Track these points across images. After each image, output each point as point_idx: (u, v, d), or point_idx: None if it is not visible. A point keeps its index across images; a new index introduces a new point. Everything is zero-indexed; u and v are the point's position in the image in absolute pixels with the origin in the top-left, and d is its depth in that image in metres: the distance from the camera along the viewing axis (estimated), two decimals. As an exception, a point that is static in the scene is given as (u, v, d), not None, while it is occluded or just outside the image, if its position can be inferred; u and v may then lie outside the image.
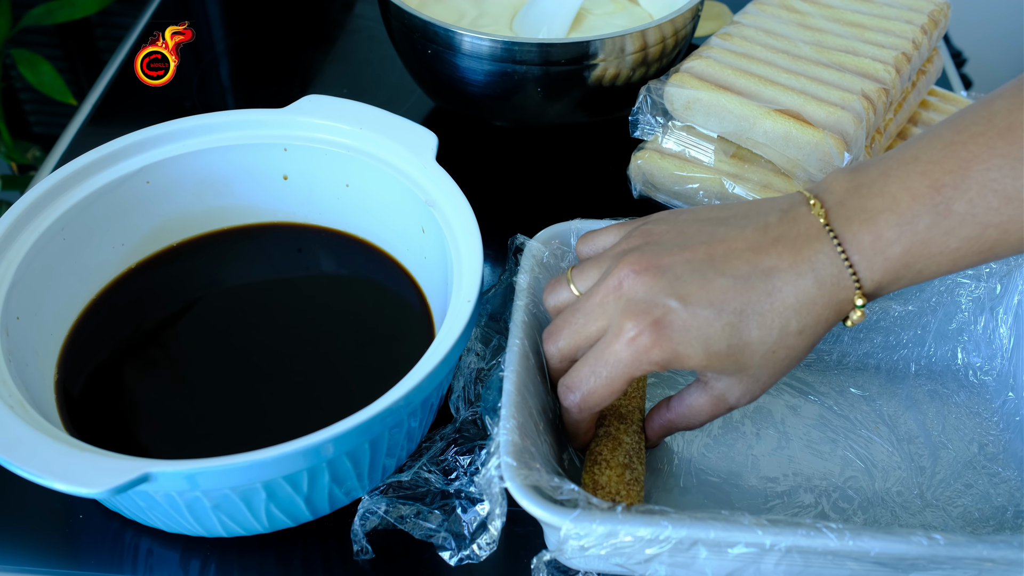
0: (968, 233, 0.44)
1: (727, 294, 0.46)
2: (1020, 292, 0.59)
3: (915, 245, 0.45)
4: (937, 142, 0.46)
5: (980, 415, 0.59)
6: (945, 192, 0.44)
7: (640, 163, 0.68)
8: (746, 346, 0.46)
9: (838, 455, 0.57)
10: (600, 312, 0.48)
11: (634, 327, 0.46)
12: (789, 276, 0.46)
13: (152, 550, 0.53)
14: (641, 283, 0.47)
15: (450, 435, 0.55)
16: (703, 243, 0.48)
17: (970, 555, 0.44)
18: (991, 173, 0.44)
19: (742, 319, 0.46)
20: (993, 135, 0.44)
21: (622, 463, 0.53)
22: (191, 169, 0.63)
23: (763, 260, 0.46)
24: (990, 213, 0.44)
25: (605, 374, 0.48)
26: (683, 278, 0.46)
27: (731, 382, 0.48)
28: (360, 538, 0.51)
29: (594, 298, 0.48)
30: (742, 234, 0.47)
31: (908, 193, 0.45)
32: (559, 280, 0.53)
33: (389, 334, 0.60)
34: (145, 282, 0.62)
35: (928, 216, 0.45)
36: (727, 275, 0.46)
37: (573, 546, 0.45)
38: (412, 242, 0.62)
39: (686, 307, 0.46)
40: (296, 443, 0.44)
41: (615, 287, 0.47)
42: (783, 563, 0.45)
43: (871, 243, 0.45)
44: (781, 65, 0.67)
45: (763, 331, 0.46)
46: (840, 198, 0.47)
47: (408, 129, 0.62)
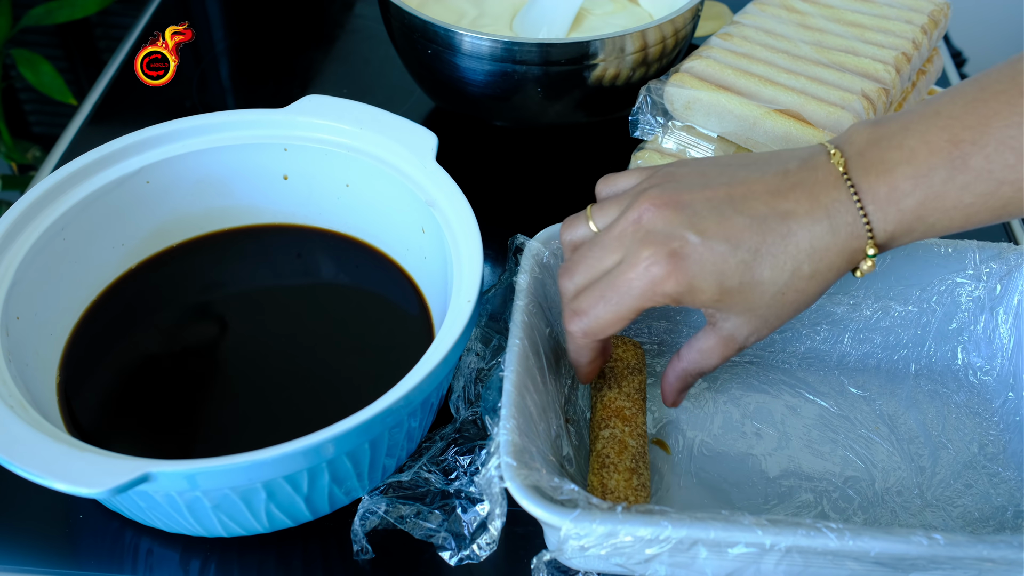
0: (983, 188, 0.45)
1: (744, 232, 0.46)
2: (1020, 292, 0.59)
3: (929, 198, 0.46)
4: (960, 98, 0.46)
5: (980, 415, 0.59)
6: (963, 147, 0.45)
7: (640, 163, 0.68)
8: (757, 284, 0.47)
9: (838, 455, 0.56)
10: (618, 244, 0.48)
11: (650, 256, 0.46)
12: (805, 221, 0.46)
13: (152, 550, 0.53)
14: (660, 216, 0.47)
15: (450, 435, 0.55)
16: (724, 184, 0.48)
17: (970, 555, 0.44)
18: (1010, 130, 0.44)
19: (756, 258, 0.46)
20: (1015, 93, 0.44)
21: (629, 467, 0.53)
22: (191, 169, 0.63)
23: (781, 203, 0.47)
24: (1006, 170, 0.44)
25: (615, 301, 0.48)
26: (702, 214, 0.47)
27: (740, 321, 0.49)
28: (360, 538, 0.51)
29: (613, 231, 0.49)
30: (762, 178, 0.48)
31: (926, 147, 0.45)
32: (577, 217, 0.53)
33: (388, 334, 0.60)
34: (145, 282, 0.62)
35: (944, 170, 0.45)
36: (745, 214, 0.47)
37: (573, 546, 0.45)
38: (412, 242, 0.62)
39: (703, 241, 0.46)
40: (296, 443, 0.44)
41: (635, 220, 0.48)
42: (783, 563, 0.45)
43: (886, 194, 0.46)
44: (781, 65, 0.67)
45: (775, 272, 0.47)
46: (860, 149, 0.47)
47: (408, 129, 0.62)
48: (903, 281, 0.60)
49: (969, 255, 0.59)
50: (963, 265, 0.59)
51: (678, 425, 0.58)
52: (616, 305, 0.48)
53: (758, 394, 0.60)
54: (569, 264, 0.51)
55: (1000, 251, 0.59)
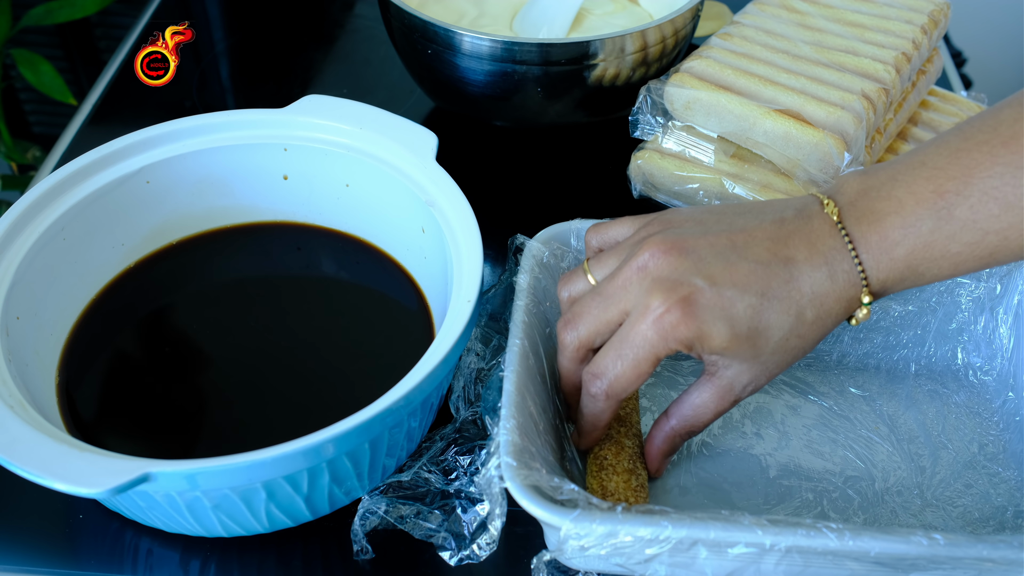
0: (969, 238, 0.45)
1: (750, 277, 0.46)
2: (1020, 292, 0.59)
3: (918, 248, 0.46)
4: (944, 148, 0.47)
5: (980, 415, 0.59)
6: (948, 198, 0.45)
7: (640, 163, 0.68)
8: (766, 329, 0.47)
9: (838, 455, 0.56)
10: (623, 295, 0.48)
11: (661, 304, 0.46)
12: (805, 267, 0.47)
13: (152, 550, 0.53)
14: (667, 262, 0.47)
15: (450, 435, 0.55)
16: (724, 231, 0.48)
17: (970, 555, 0.44)
18: (993, 180, 0.44)
19: (763, 301, 0.46)
20: (997, 143, 0.45)
21: (627, 468, 0.53)
22: (191, 169, 0.63)
23: (782, 250, 0.47)
24: (990, 220, 0.45)
25: (631, 356, 0.47)
26: (707, 260, 0.47)
27: (741, 369, 0.48)
28: (360, 538, 0.51)
29: (616, 280, 0.48)
30: (760, 225, 0.48)
31: (913, 198, 0.46)
32: (575, 271, 0.53)
33: (389, 334, 0.60)
34: (145, 282, 0.62)
35: (931, 220, 0.45)
36: (749, 259, 0.47)
37: (573, 546, 0.45)
38: (412, 242, 0.62)
39: (712, 287, 0.46)
40: (296, 443, 0.44)
41: (640, 267, 0.47)
42: (783, 563, 0.45)
43: (878, 243, 0.46)
44: (781, 65, 0.67)
45: (781, 316, 0.47)
46: (851, 199, 0.48)
47: (408, 129, 0.62)
48: (903, 281, 0.59)
49: (969, 255, 0.59)
50: (963, 265, 0.59)
51: (678, 425, 0.58)
52: (634, 360, 0.47)
53: (758, 394, 0.60)
54: (570, 316, 0.50)
55: (1000, 251, 0.59)
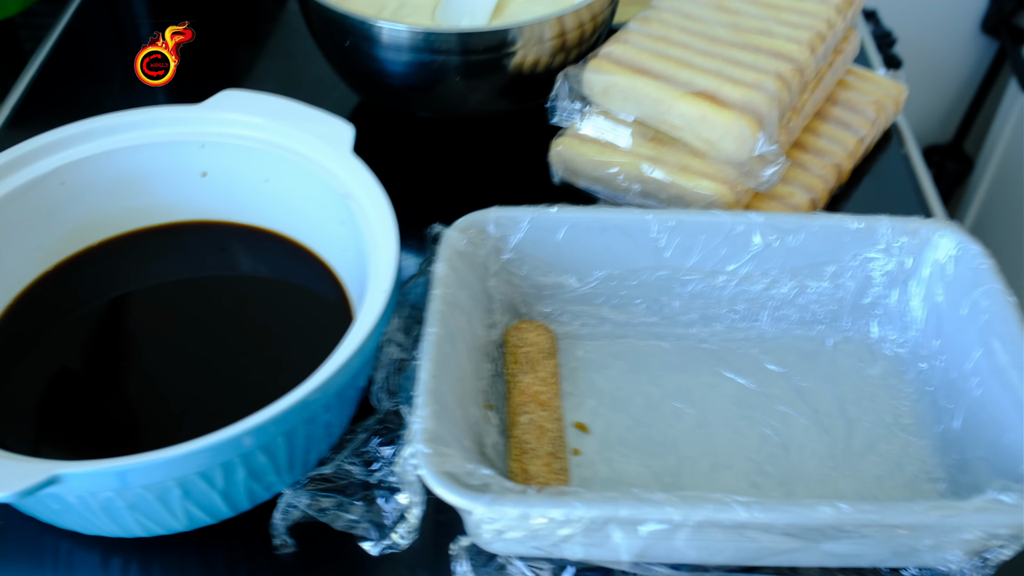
0: None
1: None
2: (931, 265, 0.60)
3: None
4: None
5: (895, 387, 0.60)
6: None
7: (560, 149, 0.68)
8: None
9: (756, 431, 0.57)
10: None
11: None
12: None
13: (73, 551, 0.52)
14: None
15: (373, 426, 0.55)
16: None
17: (875, 522, 0.45)
18: None
19: None
20: None
21: (549, 451, 0.54)
22: (107, 169, 0.62)
23: None
24: None
25: None
26: None
27: None
28: (281, 532, 0.51)
29: None
30: None
31: None
32: None
33: (309, 329, 0.60)
34: (62, 285, 0.61)
35: None
36: None
37: (488, 530, 0.46)
38: (332, 235, 0.62)
39: None
40: (206, 439, 0.44)
41: None
42: (696, 538, 0.46)
43: None
44: (697, 48, 0.68)
45: None
46: None
47: (325, 121, 0.62)
48: (817, 258, 0.60)
49: (880, 230, 0.60)
50: (875, 240, 0.60)
51: (598, 407, 0.58)
52: None
53: (678, 374, 0.60)
54: None
55: (911, 225, 0.60)
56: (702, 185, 0.64)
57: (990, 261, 0.57)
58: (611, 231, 0.60)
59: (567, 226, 0.60)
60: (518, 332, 0.60)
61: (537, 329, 0.60)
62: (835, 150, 0.73)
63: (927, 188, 0.78)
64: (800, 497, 0.54)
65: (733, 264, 0.60)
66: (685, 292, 0.62)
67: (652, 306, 0.62)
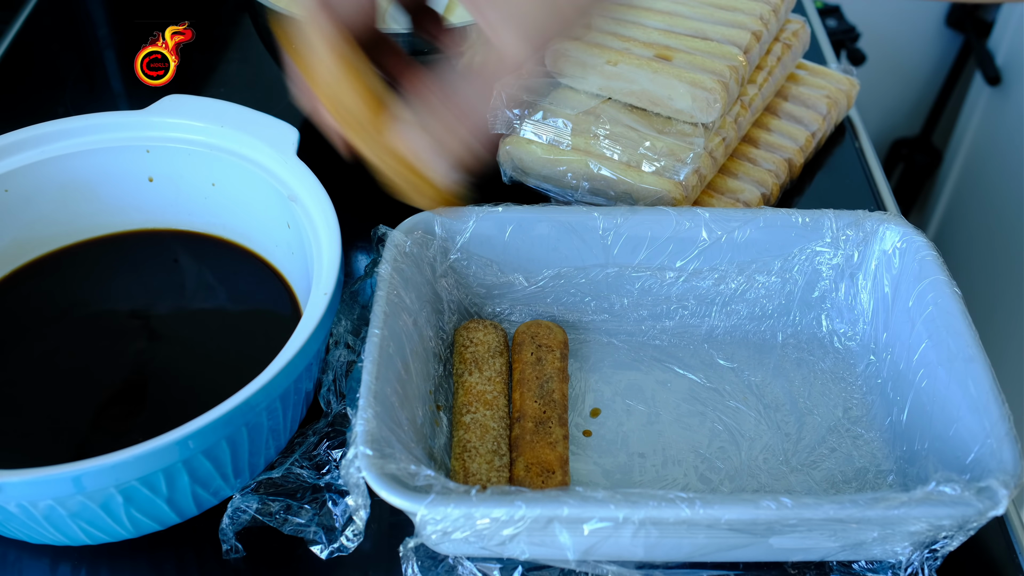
0: None
1: None
2: (877, 258, 0.60)
3: None
4: None
5: (845, 380, 0.60)
6: None
7: (509, 148, 0.68)
8: None
9: (706, 427, 0.57)
10: None
11: None
12: None
13: (20, 559, 0.52)
14: None
15: (322, 430, 0.55)
16: None
17: (818, 516, 0.45)
18: None
19: None
20: None
21: (491, 450, 0.53)
22: (52, 175, 0.62)
23: None
24: None
25: None
26: None
27: None
28: (229, 537, 0.51)
29: None
30: None
31: None
32: None
33: (258, 332, 0.60)
34: (8, 296, 0.61)
35: None
36: None
37: (432, 531, 0.46)
38: (279, 239, 0.61)
39: None
40: (144, 445, 0.44)
41: None
42: (640, 535, 0.46)
43: None
44: (634, 53, 0.68)
45: None
46: None
47: (269, 125, 0.62)
48: (765, 252, 0.61)
49: (826, 223, 0.60)
50: (820, 234, 0.60)
51: (550, 406, 0.58)
52: None
53: (629, 371, 0.60)
54: None
55: (856, 219, 0.60)
56: (649, 181, 0.64)
57: (934, 253, 0.57)
58: (558, 229, 0.60)
59: (513, 225, 0.60)
60: (467, 332, 0.60)
61: (486, 328, 0.60)
62: (786, 145, 0.73)
63: (880, 182, 0.78)
64: (750, 492, 0.54)
65: (681, 260, 0.60)
66: (634, 289, 0.62)
67: (602, 304, 0.62)
